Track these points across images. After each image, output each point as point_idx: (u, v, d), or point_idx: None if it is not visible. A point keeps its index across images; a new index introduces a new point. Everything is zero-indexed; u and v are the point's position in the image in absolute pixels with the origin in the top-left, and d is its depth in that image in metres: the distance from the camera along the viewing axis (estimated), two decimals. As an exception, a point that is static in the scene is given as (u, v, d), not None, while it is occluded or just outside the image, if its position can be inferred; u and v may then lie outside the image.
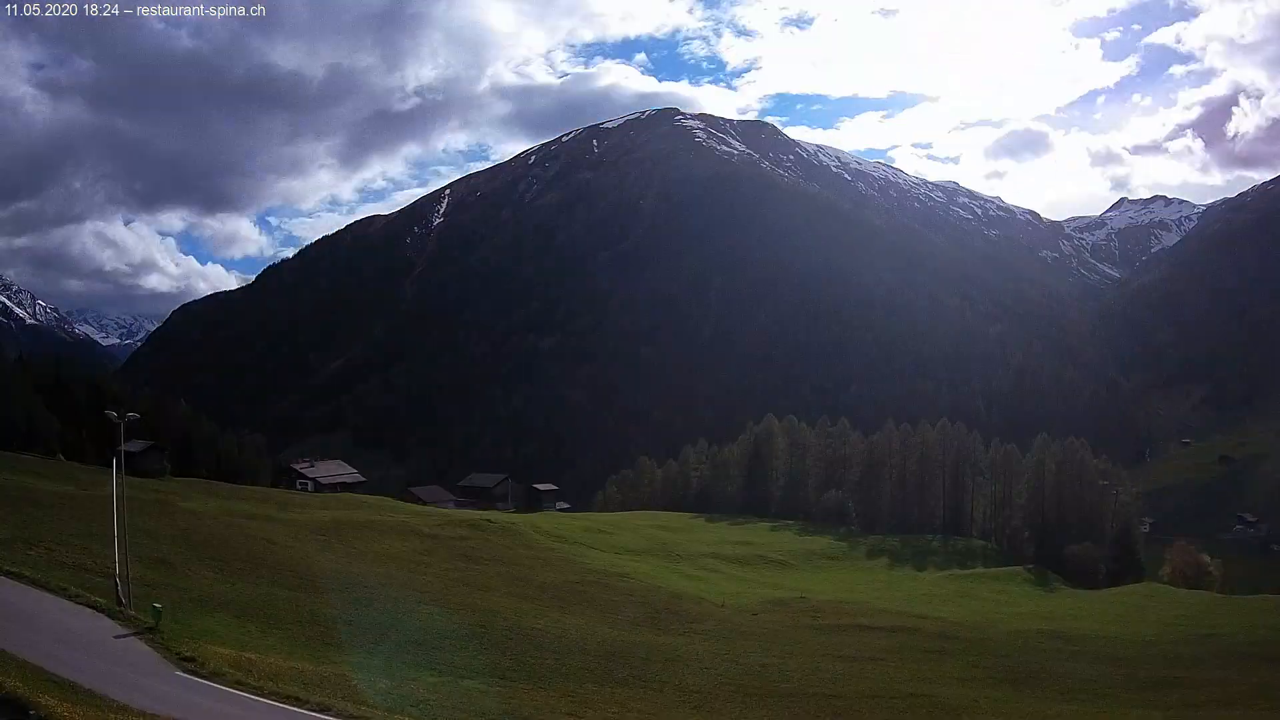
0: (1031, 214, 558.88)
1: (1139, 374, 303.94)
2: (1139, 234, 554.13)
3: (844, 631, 49.60)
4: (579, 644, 39.16)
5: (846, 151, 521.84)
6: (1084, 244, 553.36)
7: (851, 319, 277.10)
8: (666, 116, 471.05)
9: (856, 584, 75.74)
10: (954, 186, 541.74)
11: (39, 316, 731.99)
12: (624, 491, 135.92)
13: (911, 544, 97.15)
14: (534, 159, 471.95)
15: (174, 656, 24.89)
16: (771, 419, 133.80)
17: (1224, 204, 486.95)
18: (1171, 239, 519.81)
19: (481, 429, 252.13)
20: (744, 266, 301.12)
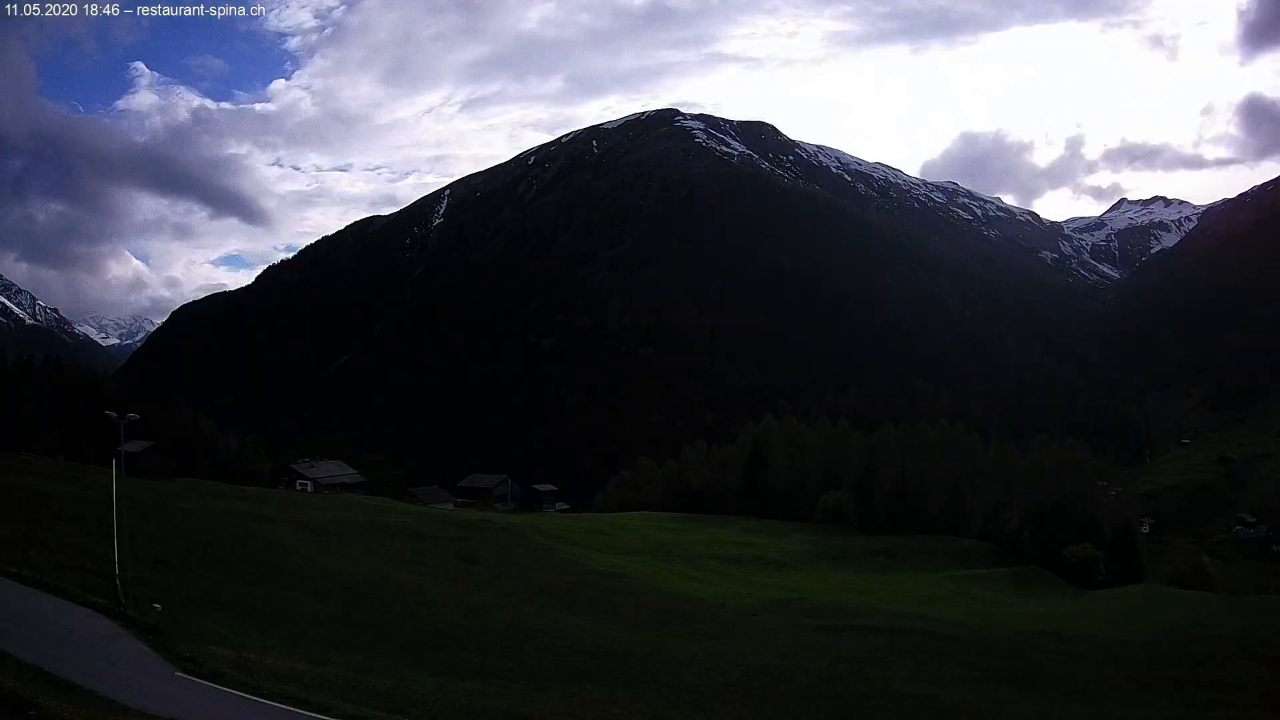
0: (1031, 214, 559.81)
1: (1139, 374, 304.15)
2: (1139, 234, 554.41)
3: (844, 631, 49.59)
4: (579, 644, 39.14)
5: (847, 152, 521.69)
6: (1084, 244, 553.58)
7: (851, 319, 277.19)
8: (666, 116, 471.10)
9: (856, 584, 75.76)
10: (954, 187, 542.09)
11: (39, 317, 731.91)
12: (624, 491, 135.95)
13: (911, 544, 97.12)
14: (534, 159, 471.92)
15: (174, 657, 24.85)
16: (771, 419, 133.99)
17: (1224, 204, 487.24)
18: (1171, 239, 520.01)
19: (481, 429, 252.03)
20: (744, 267, 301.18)
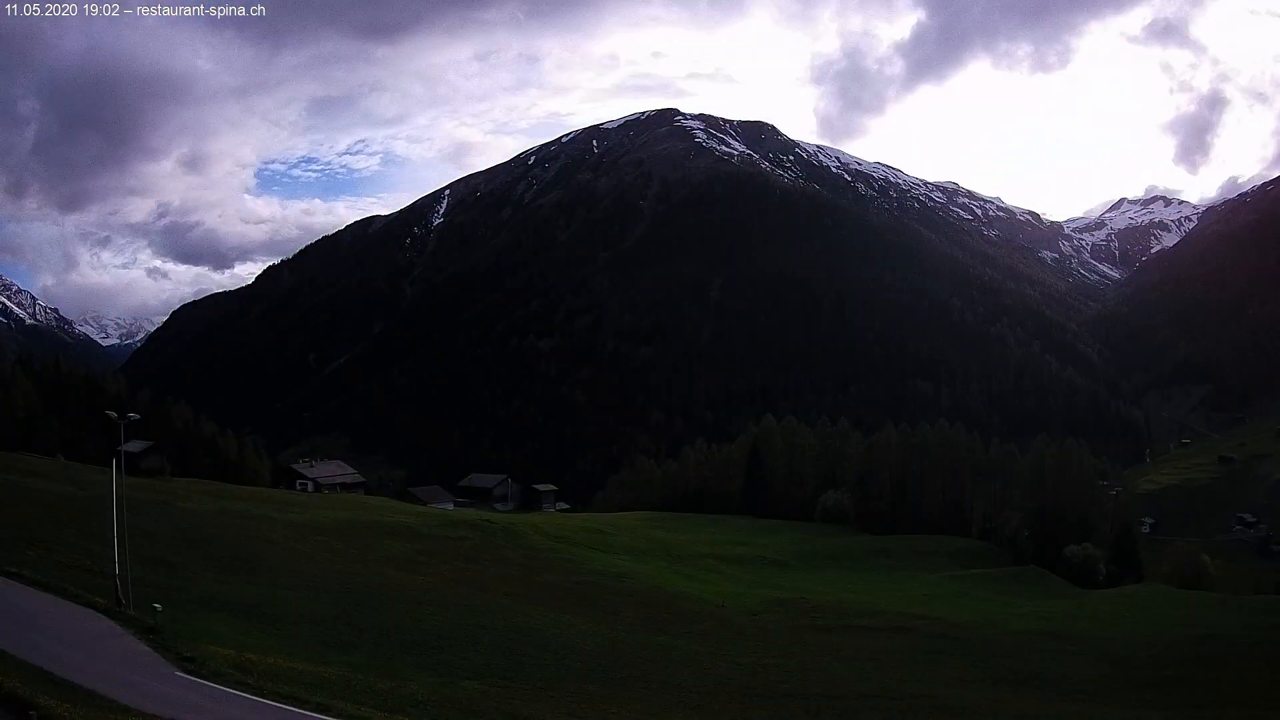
0: (1031, 214, 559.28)
1: (1139, 374, 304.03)
2: (1139, 234, 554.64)
3: (844, 631, 49.60)
4: (579, 644, 39.14)
5: (846, 152, 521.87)
6: (1084, 244, 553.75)
7: (851, 319, 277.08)
8: (666, 116, 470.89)
9: (856, 584, 75.69)
10: (954, 187, 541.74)
11: (39, 316, 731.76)
12: (624, 491, 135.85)
13: (911, 544, 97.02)
14: (534, 159, 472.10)
15: (174, 657, 24.84)
16: (771, 419, 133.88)
17: (1224, 204, 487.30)
18: (1171, 239, 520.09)
19: (481, 429, 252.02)
20: (744, 266, 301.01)
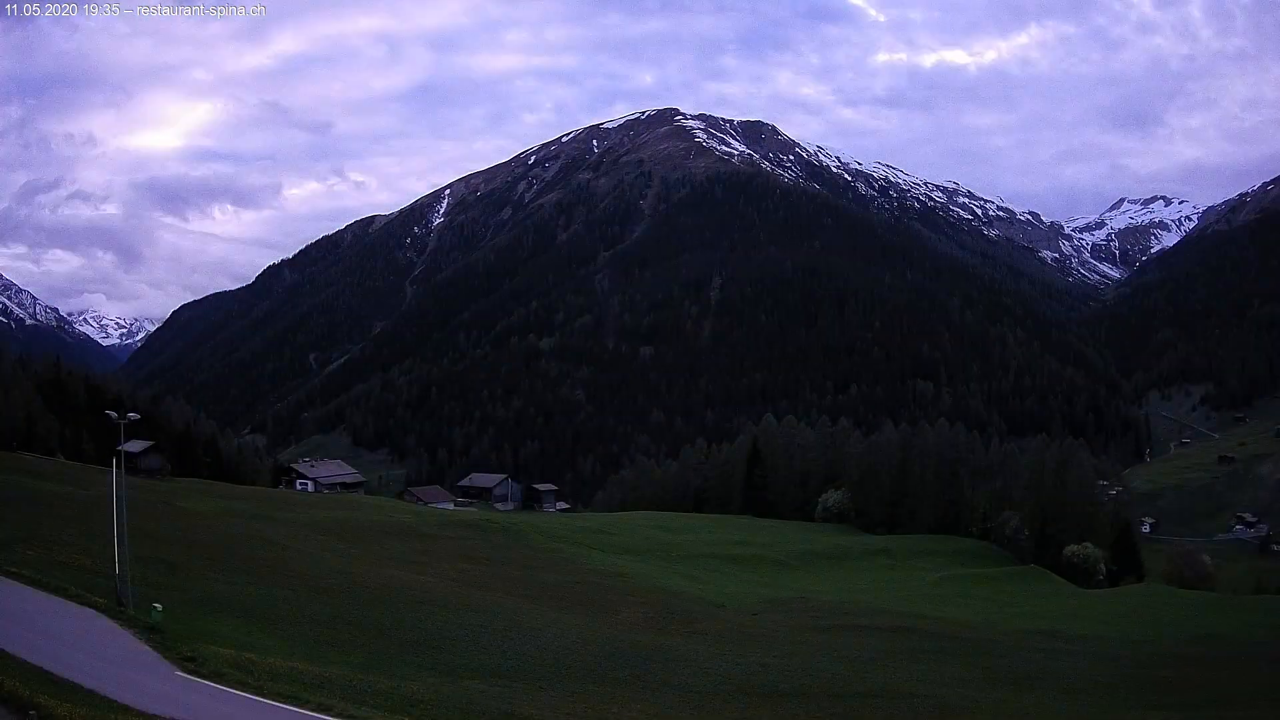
0: (1032, 214, 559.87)
1: (1139, 374, 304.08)
2: (1139, 234, 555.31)
3: (844, 631, 49.56)
4: (579, 644, 39.12)
5: (847, 151, 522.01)
6: (1084, 244, 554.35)
7: (851, 319, 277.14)
8: (666, 116, 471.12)
9: (856, 584, 75.68)
10: (954, 186, 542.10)
11: (39, 316, 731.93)
12: (624, 491, 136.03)
13: (911, 544, 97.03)
14: (534, 159, 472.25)
15: (175, 656, 24.83)
16: (771, 419, 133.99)
17: (1224, 204, 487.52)
18: (1171, 239, 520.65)
19: (481, 429, 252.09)
20: (744, 266, 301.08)
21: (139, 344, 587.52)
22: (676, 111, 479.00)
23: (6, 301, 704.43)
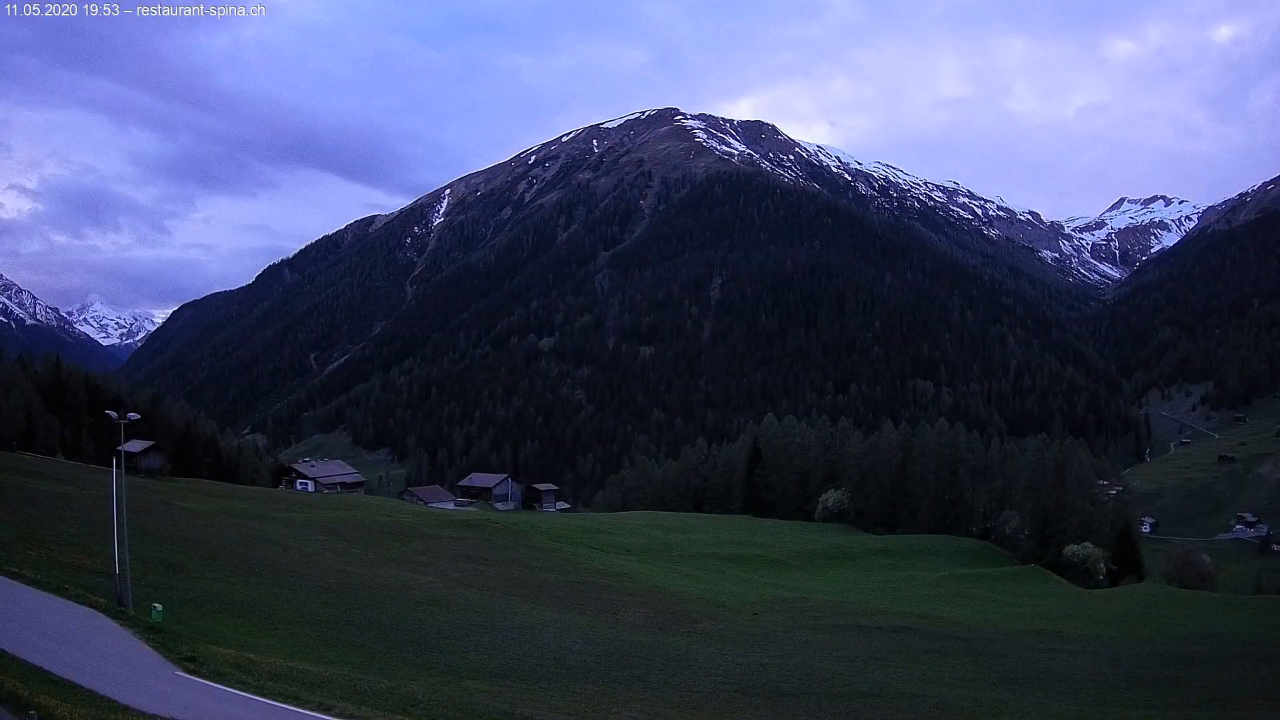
0: (1032, 214, 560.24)
1: (1139, 374, 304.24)
2: (1139, 234, 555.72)
3: (844, 631, 49.57)
4: (579, 644, 39.13)
5: (847, 151, 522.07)
6: (1084, 244, 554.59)
7: (851, 319, 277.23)
8: (666, 116, 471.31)
9: (856, 584, 75.67)
10: (954, 186, 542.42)
11: (39, 316, 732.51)
12: (624, 491, 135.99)
13: (911, 544, 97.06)
14: (534, 159, 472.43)
15: (175, 656, 24.82)
16: (771, 419, 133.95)
17: (1224, 204, 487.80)
18: (1171, 239, 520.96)
19: (481, 429, 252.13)
20: (744, 266, 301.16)
21: (139, 344, 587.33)
22: (676, 111, 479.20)
23: (6, 301, 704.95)
